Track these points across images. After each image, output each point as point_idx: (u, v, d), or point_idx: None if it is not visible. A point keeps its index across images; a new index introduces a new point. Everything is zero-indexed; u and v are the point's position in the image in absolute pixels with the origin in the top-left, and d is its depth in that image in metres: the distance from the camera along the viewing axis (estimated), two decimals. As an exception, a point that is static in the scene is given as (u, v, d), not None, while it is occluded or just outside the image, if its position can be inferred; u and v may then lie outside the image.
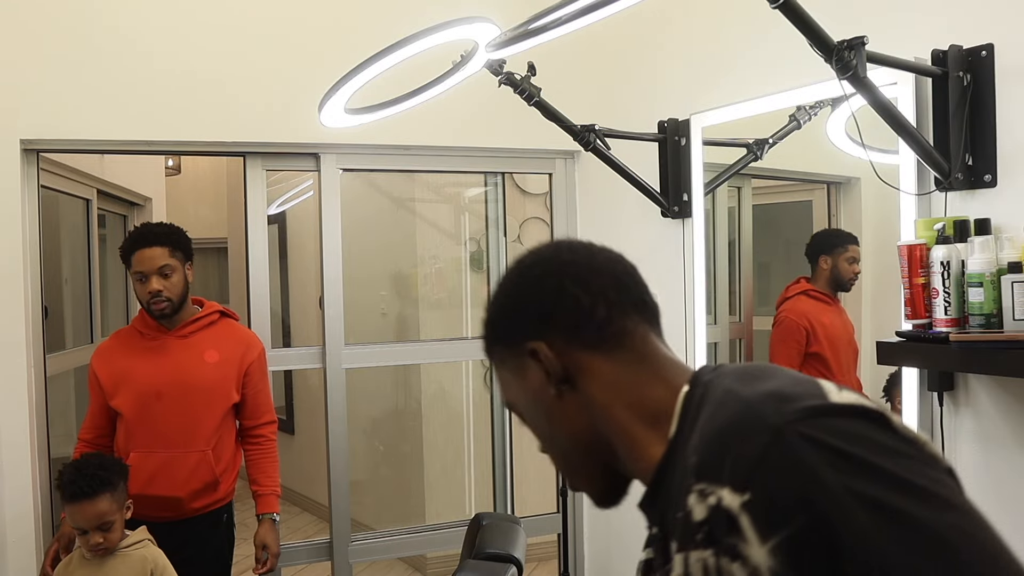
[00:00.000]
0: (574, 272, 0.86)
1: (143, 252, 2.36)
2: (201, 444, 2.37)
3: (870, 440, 0.66)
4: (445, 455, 4.37)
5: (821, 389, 0.71)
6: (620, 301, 0.86)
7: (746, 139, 2.33)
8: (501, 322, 0.90)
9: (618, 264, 0.89)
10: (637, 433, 0.83)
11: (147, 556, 2.17)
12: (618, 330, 0.85)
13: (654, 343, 0.87)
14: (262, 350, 2.53)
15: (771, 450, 0.66)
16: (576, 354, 0.85)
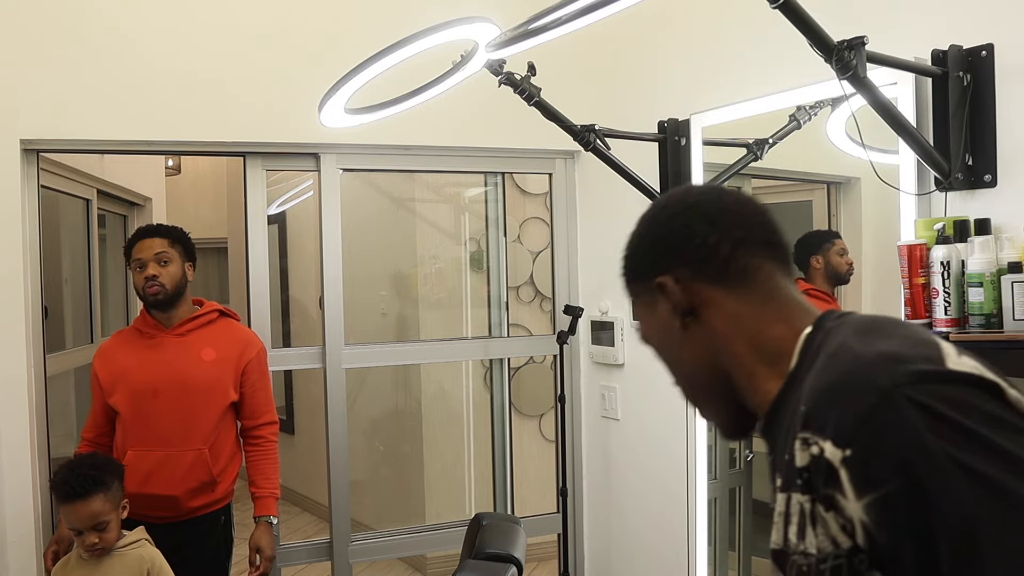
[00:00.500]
0: (701, 211, 0.90)
1: (143, 242, 2.42)
2: (197, 442, 2.36)
3: (979, 409, 0.66)
4: (445, 455, 4.37)
5: (940, 352, 0.71)
6: (746, 239, 0.88)
7: (746, 139, 2.33)
8: (634, 258, 0.96)
9: (746, 205, 0.92)
10: (755, 368, 0.87)
11: (144, 556, 2.17)
12: (743, 266, 0.88)
13: (780, 282, 0.89)
14: (261, 349, 2.52)
15: (877, 411, 0.67)
16: (701, 288, 0.89)
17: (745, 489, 2.55)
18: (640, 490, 2.77)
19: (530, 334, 3.95)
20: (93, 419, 2.47)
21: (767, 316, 0.87)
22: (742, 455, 2.56)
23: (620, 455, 2.87)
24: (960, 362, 0.71)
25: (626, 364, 2.82)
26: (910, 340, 0.74)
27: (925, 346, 0.73)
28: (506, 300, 3.38)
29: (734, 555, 2.56)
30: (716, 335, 0.89)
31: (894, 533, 0.66)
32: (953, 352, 0.72)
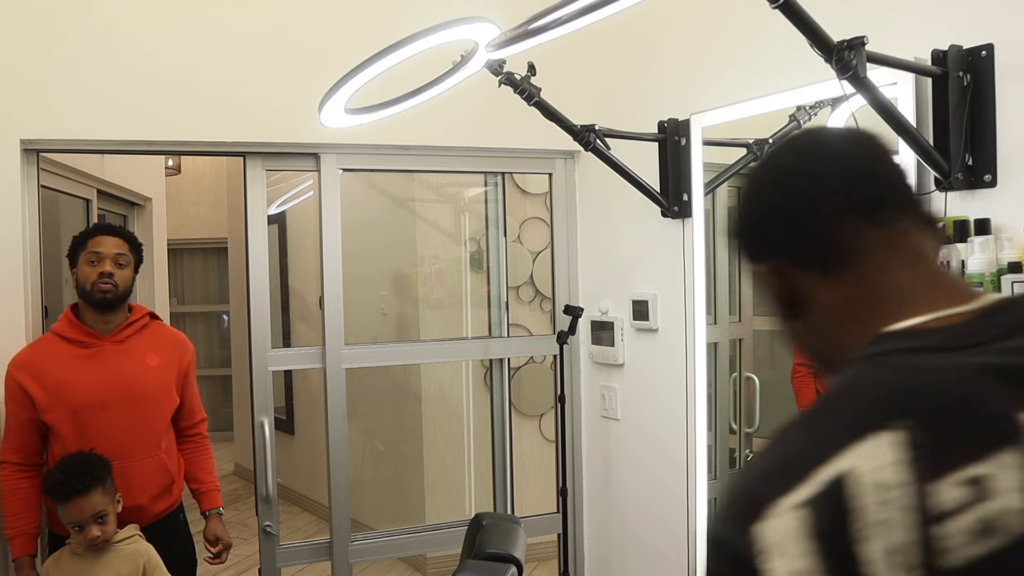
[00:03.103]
0: (794, 181, 0.77)
1: (104, 238, 2.38)
2: (154, 448, 2.39)
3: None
4: (445, 455, 4.37)
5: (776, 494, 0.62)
6: (840, 211, 0.74)
7: (746, 139, 2.33)
8: (742, 235, 0.85)
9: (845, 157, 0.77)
10: None
11: (140, 551, 2.21)
12: (841, 248, 0.74)
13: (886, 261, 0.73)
14: (194, 351, 2.58)
15: None
16: (804, 279, 0.77)
17: (745, 489, 2.55)
18: (640, 490, 2.77)
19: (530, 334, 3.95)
20: (20, 438, 2.29)
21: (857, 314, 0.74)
22: (742, 455, 2.56)
23: (620, 455, 2.87)
24: (774, 525, 0.60)
25: (626, 364, 2.82)
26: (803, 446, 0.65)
27: (783, 476, 0.63)
28: (506, 300, 3.38)
29: (734, 555, 2.56)
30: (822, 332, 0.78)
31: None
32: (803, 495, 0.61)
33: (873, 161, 0.77)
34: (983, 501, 0.58)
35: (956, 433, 0.61)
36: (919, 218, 0.76)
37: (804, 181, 0.76)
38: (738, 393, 2.54)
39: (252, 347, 2.71)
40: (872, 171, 0.76)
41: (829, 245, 0.74)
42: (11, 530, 2.28)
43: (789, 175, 0.78)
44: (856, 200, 0.74)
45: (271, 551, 2.72)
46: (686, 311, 2.50)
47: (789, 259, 0.77)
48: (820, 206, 0.74)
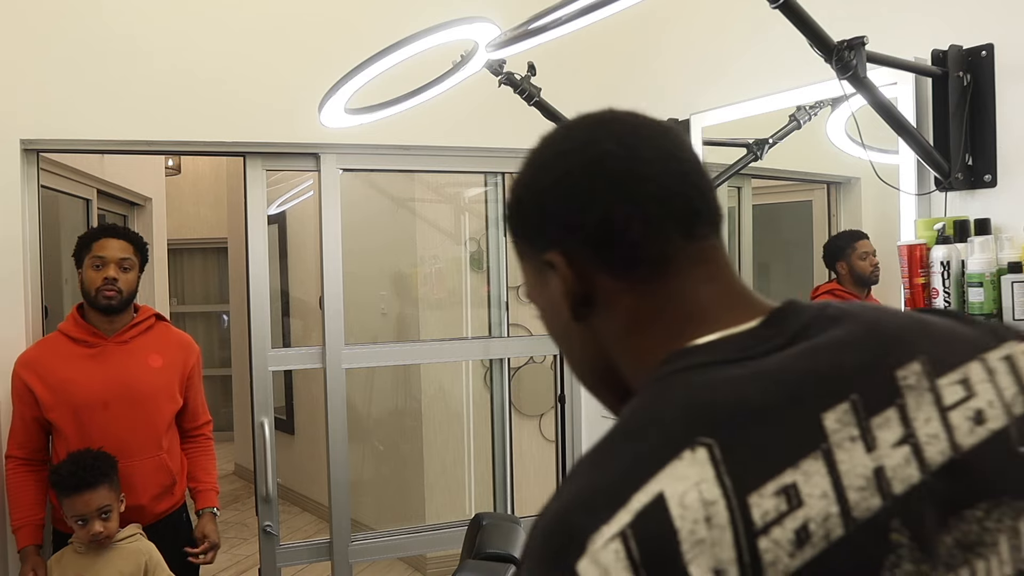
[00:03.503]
0: (610, 173, 0.68)
1: (109, 241, 2.37)
2: (156, 448, 2.40)
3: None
4: (445, 455, 4.37)
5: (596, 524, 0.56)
6: (662, 218, 0.68)
7: (746, 139, 2.33)
8: (520, 213, 0.74)
9: (669, 160, 0.70)
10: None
11: (141, 548, 2.23)
12: (654, 257, 0.68)
13: (692, 273, 0.69)
14: (199, 353, 2.57)
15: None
16: (600, 277, 0.69)
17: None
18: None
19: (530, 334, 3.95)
20: (24, 436, 2.33)
21: (656, 326, 0.68)
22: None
23: (620, 455, 2.86)
24: (596, 558, 0.55)
25: (626, 364, 2.82)
26: (618, 469, 0.59)
27: (599, 505, 0.58)
28: (506, 300, 3.38)
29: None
30: (609, 337, 0.71)
31: None
32: (619, 524, 0.56)
33: (692, 168, 0.71)
34: (796, 510, 0.57)
35: (760, 444, 0.59)
36: (719, 232, 0.72)
37: (628, 177, 0.68)
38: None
39: (252, 347, 2.71)
40: (692, 180, 0.70)
41: (644, 251, 0.68)
42: (17, 521, 2.31)
43: (612, 163, 0.68)
44: (676, 209, 0.69)
45: (271, 551, 2.72)
46: (686, 311, 2.50)
47: (593, 256, 0.69)
48: (642, 208, 0.68)
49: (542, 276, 0.73)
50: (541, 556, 0.58)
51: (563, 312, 0.71)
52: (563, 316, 0.72)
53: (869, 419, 0.61)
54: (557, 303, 0.72)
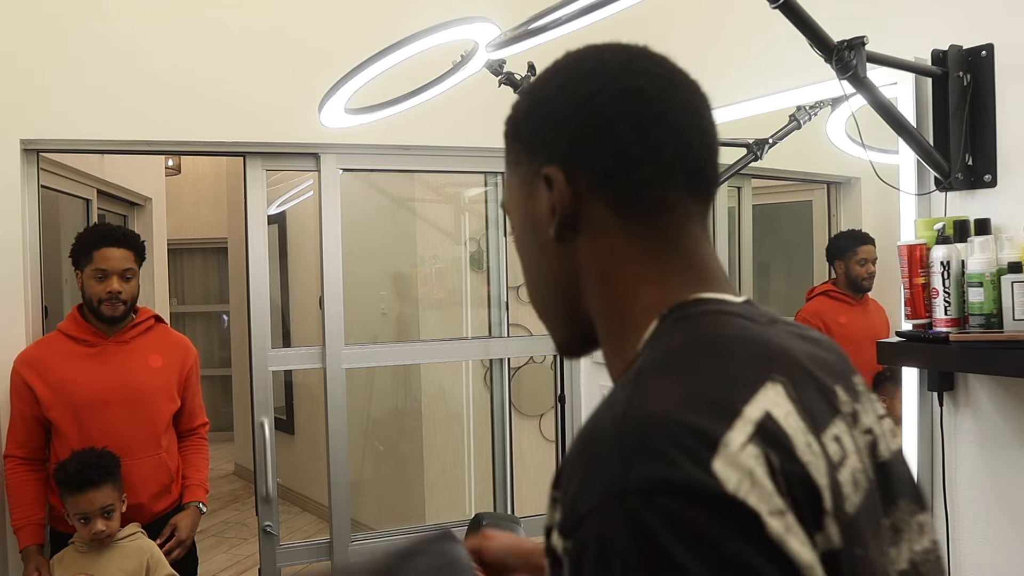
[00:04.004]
0: (637, 108, 0.68)
1: (111, 251, 2.35)
2: (155, 448, 2.41)
3: (711, 548, 0.51)
4: (445, 455, 4.37)
5: (725, 429, 0.55)
6: (674, 163, 0.68)
7: (746, 139, 2.33)
8: (529, 120, 0.73)
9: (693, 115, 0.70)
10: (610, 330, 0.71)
11: (143, 547, 2.25)
12: (656, 199, 0.68)
13: (688, 232, 0.69)
14: (197, 355, 2.58)
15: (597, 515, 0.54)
16: (595, 204, 0.68)
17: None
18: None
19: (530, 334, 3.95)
20: (25, 433, 2.33)
21: (649, 272, 0.68)
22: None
23: (620, 455, 2.86)
24: (735, 459, 0.54)
25: (626, 364, 2.82)
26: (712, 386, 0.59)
27: (719, 408, 0.56)
28: (506, 300, 3.37)
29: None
30: (587, 267, 0.70)
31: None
32: (745, 433, 0.55)
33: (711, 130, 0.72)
34: (846, 458, 0.61)
35: (810, 394, 0.62)
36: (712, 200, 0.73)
37: (647, 113, 0.68)
38: (738, 393, 2.54)
39: (252, 347, 2.71)
40: (708, 141, 0.71)
41: (650, 192, 0.68)
42: (19, 521, 2.31)
43: (629, 94, 0.68)
44: (689, 162, 0.69)
45: (271, 551, 2.72)
46: (686, 311, 2.50)
47: (595, 182, 0.68)
48: (659, 148, 0.67)
49: (531, 188, 0.72)
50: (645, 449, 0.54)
51: (545, 229, 0.71)
52: (543, 234, 0.71)
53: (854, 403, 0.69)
54: (541, 219, 0.71)
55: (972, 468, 1.75)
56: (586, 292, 0.71)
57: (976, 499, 1.75)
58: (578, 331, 0.74)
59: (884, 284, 2.08)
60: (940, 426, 1.79)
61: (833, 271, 2.19)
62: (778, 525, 0.53)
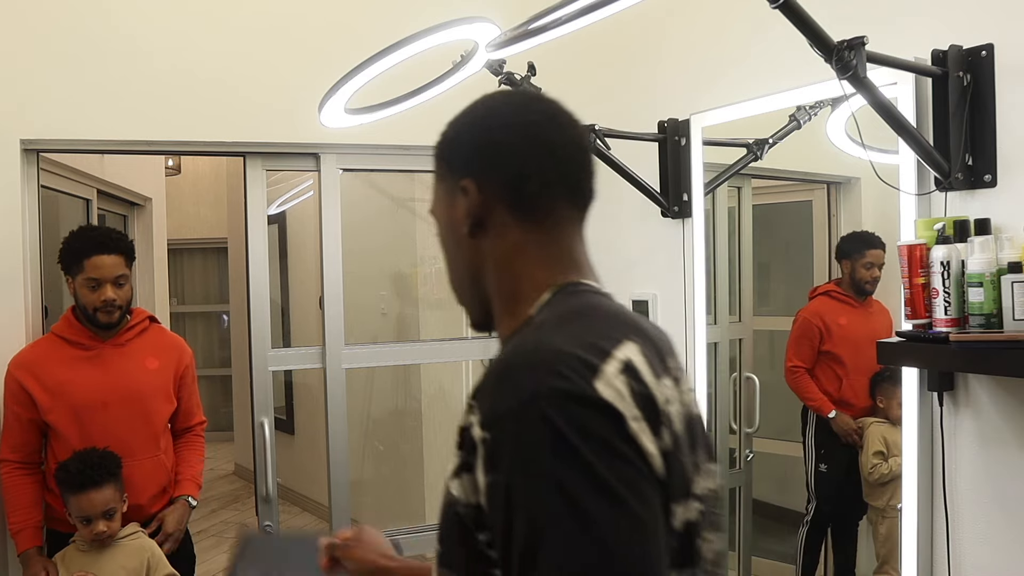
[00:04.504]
0: (532, 138, 0.93)
1: (102, 258, 2.30)
2: (155, 449, 2.41)
3: (595, 436, 0.75)
4: (445, 455, 4.36)
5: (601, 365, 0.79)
6: (557, 182, 0.93)
7: (746, 139, 2.33)
8: (454, 143, 0.97)
9: (574, 146, 0.95)
10: (507, 300, 0.95)
11: (144, 546, 2.26)
12: (542, 207, 0.93)
13: (567, 233, 0.95)
14: (191, 355, 2.57)
15: (512, 413, 0.77)
16: (499, 210, 0.93)
17: (745, 489, 2.55)
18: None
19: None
20: (20, 437, 2.32)
21: (538, 259, 0.93)
22: (742, 455, 2.56)
23: (620, 455, 2.86)
24: (610, 382, 0.78)
25: (626, 364, 2.82)
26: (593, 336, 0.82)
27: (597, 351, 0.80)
28: (506, 300, 3.38)
29: (734, 555, 2.56)
30: (492, 256, 0.94)
31: (493, 509, 0.77)
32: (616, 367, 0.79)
33: (588, 158, 0.97)
34: (671, 403, 0.84)
35: (653, 355, 0.85)
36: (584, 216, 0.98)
37: (538, 144, 0.93)
38: (738, 393, 2.54)
39: (252, 347, 2.71)
40: (586, 166, 0.96)
41: (538, 201, 0.93)
42: (16, 525, 2.31)
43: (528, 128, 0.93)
44: (566, 181, 0.94)
45: (271, 551, 2.72)
46: (686, 311, 2.50)
47: (498, 193, 0.92)
48: (545, 171, 0.92)
49: (452, 196, 0.96)
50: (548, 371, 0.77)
51: (461, 228, 0.95)
52: (460, 232, 0.95)
53: (676, 371, 0.91)
54: (458, 220, 0.95)
55: (972, 468, 1.75)
56: (488, 276, 0.96)
57: (976, 499, 1.75)
58: (483, 308, 1.00)
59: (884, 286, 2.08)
60: (940, 426, 1.79)
61: (840, 270, 2.18)
62: (635, 426, 0.78)
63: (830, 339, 2.23)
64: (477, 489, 0.79)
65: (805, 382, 2.29)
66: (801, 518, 2.38)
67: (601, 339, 0.82)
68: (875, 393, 2.12)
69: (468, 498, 0.81)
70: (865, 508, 2.20)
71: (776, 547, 2.49)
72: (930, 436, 1.80)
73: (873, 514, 2.15)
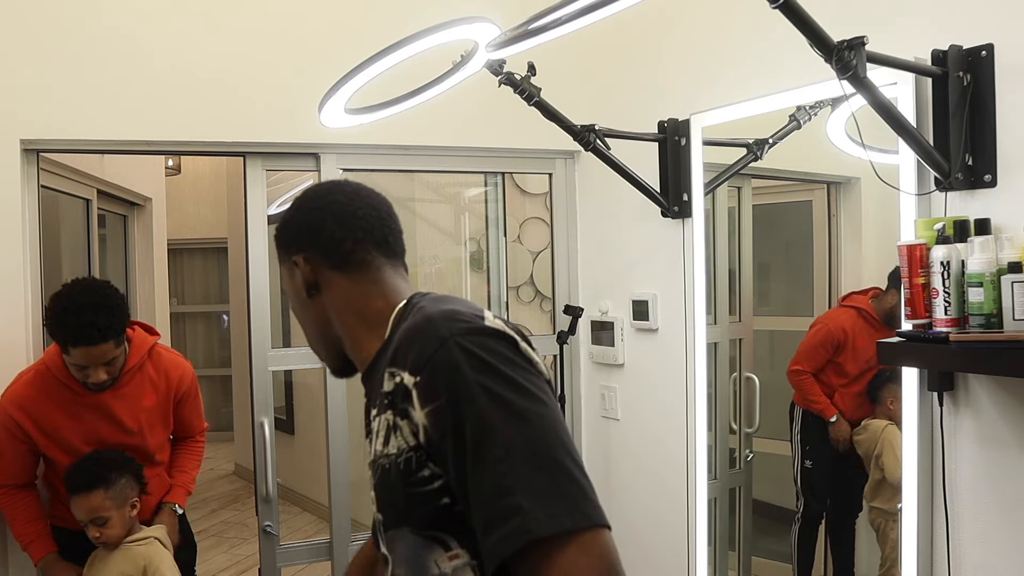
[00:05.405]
0: (336, 212, 1.18)
1: (87, 351, 2.11)
2: (150, 467, 2.42)
3: (499, 353, 0.97)
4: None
5: (483, 313, 1.04)
6: (365, 239, 1.17)
7: (746, 139, 2.33)
8: (283, 233, 1.22)
9: (374, 211, 1.20)
10: (360, 334, 1.17)
11: (144, 553, 2.26)
12: (359, 259, 1.17)
13: (386, 272, 1.18)
14: (192, 376, 2.51)
15: (437, 352, 0.97)
16: (325, 271, 1.17)
17: (745, 489, 2.55)
18: (640, 490, 2.77)
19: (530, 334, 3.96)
20: (16, 464, 2.27)
21: (372, 295, 1.16)
22: (742, 455, 2.56)
23: (620, 455, 2.87)
24: (494, 321, 1.02)
25: (626, 364, 2.82)
26: (466, 305, 1.06)
27: (475, 309, 1.05)
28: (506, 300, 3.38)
29: (734, 555, 2.56)
30: (332, 307, 1.18)
31: (442, 432, 0.95)
32: (490, 315, 1.04)
33: (386, 219, 1.21)
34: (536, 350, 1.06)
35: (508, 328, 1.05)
36: (403, 260, 1.23)
37: (344, 213, 1.18)
38: (738, 393, 2.54)
39: (252, 347, 2.71)
40: (385, 224, 1.20)
41: (354, 256, 1.17)
42: (25, 537, 2.30)
43: (333, 206, 1.19)
44: (373, 236, 1.18)
45: (271, 551, 2.72)
46: (686, 311, 2.50)
47: (322, 258, 1.17)
48: (353, 232, 1.17)
49: (291, 272, 1.21)
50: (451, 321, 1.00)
51: (302, 294, 1.20)
52: (302, 297, 1.20)
53: None
54: (299, 289, 1.20)
55: (972, 468, 1.75)
56: (334, 325, 1.20)
57: (976, 499, 1.75)
58: (338, 355, 1.25)
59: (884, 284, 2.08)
60: (940, 426, 1.79)
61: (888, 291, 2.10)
62: (524, 345, 1.02)
63: (843, 353, 2.22)
64: (416, 428, 0.98)
65: (809, 384, 2.29)
66: (800, 518, 2.39)
67: (468, 305, 1.06)
68: (883, 395, 2.11)
69: (406, 443, 0.99)
70: (859, 507, 2.20)
71: (776, 547, 2.49)
72: (930, 436, 1.80)
73: (880, 517, 2.14)
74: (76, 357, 2.13)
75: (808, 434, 2.33)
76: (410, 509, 1.01)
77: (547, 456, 0.91)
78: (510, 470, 0.90)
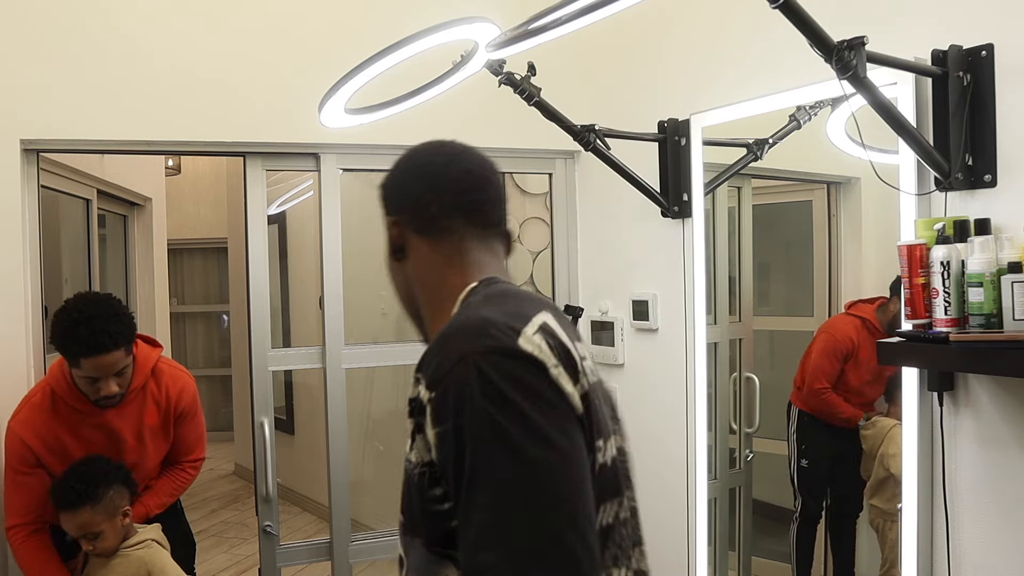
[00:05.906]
0: (430, 173, 1.15)
1: (99, 360, 2.07)
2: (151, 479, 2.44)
3: (520, 380, 0.91)
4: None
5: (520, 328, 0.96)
6: (452, 205, 1.13)
7: (746, 139, 2.33)
8: (383, 189, 1.21)
9: (468, 175, 1.15)
10: (433, 308, 1.14)
11: (144, 557, 2.23)
12: (443, 226, 1.13)
13: (471, 244, 1.14)
14: (194, 393, 2.46)
15: (454, 368, 0.92)
16: (411, 235, 1.15)
17: (745, 489, 2.55)
18: (640, 490, 2.76)
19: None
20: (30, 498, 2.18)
21: (452, 267, 1.13)
22: (742, 455, 2.56)
23: (620, 455, 2.86)
24: (531, 339, 0.95)
25: (626, 364, 2.82)
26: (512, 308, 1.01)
27: (517, 319, 0.97)
28: (506, 300, 3.38)
29: (734, 555, 2.56)
30: (414, 273, 1.16)
31: (445, 457, 0.91)
32: (534, 328, 0.97)
33: (486, 186, 1.16)
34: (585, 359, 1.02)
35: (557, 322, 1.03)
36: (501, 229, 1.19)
37: (432, 177, 1.14)
38: (738, 393, 2.54)
39: (252, 347, 2.71)
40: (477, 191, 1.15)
41: (438, 223, 1.13)
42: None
43: (424, 167, 1.15)
44: (461, 203, 1.13)
45: (271, 551, 2.72)
46: (686, 311, 2.50)
47: (409, 221, 1.15)
48: (440, 197, 1.13)
49: (388, 234, 1.18)
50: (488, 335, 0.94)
51: (392, 255, 1.18)
52: (392, 259, 1.19)
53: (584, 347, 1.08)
54: (391, 250, 1.18)
55: (972, 468, 1.75)
56: (417, 292, 1.16)
57: (976, 499, 1.75)
58: (421, 323, 1.18)
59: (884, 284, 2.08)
60: (940, 426, 1.79)
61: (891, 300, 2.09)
62: (556, 372, 0.94)
63: (848, 363, 2.22)
64: (429, 446, 0.93)
65: (834, 400, 2.26)
66: (800, 518, 2.39)
67: (520, 310, 1.00)
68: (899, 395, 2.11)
69: (422, 457, 0.95)
70: (859, 507, 2.20)
71: (776, 547, 2.49)
72: (930, 436, 1.80)
73: (879, 517, 2.15)
74: (88, 369, 2.08)
75: (804, 433, 2.33)
76: (424, 522, 0.97)
77: (541, 515, 0.85)
78: (497, 520, 0.85)
